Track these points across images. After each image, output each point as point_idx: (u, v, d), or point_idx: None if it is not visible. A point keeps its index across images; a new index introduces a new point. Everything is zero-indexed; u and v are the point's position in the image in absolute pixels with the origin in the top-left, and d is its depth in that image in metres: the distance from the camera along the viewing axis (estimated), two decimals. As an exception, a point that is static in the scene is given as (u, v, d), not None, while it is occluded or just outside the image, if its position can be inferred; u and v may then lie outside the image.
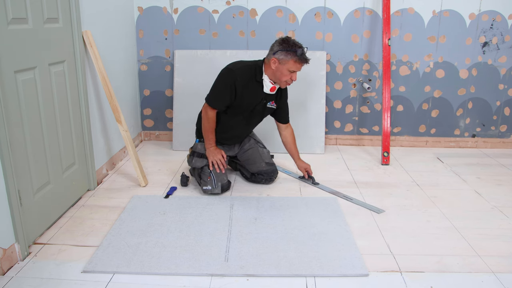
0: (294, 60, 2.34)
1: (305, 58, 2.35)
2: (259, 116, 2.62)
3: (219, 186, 2.50)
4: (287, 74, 2.39)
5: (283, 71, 2.38)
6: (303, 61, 2.36)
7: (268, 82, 2.45)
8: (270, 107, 2.60)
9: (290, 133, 2.75)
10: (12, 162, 1.77)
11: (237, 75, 2.41)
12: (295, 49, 2.33)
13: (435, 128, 3.53)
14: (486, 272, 1.81)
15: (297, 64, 2.36)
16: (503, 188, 2.70)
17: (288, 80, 2.42)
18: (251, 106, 2.52)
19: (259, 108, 2.56)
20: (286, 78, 2.41)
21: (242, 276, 1.76)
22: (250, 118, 2.59)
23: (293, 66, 2.36)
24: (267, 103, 2.58)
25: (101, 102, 2.77)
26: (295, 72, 2.40)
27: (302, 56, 2.34)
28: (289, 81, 2.43)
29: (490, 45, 3.31)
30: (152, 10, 3.33)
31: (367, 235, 2.10)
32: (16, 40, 1.84)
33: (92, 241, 2.02)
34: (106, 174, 2.83)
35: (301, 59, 2.35)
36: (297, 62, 2.35)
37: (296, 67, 2.37)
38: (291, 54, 2.34)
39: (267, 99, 2.56)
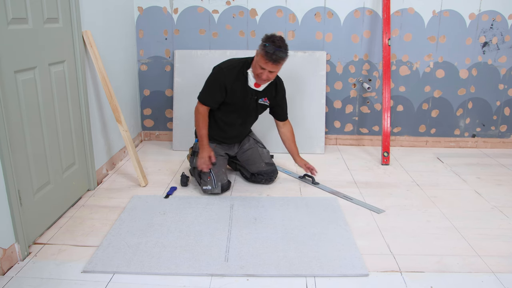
0: (262, 54, 2.28)
1: (271, 56, 2.24)
2: (253, 113, 2.61)
3: (219, 186, 2.50)
4: (258, 69, 2.33)
5: (256, 65, 2.35)
6: (268, 58, 2.25)
7: (252, 77, 2.43)
8: (263, 103, 2.58)
9: (289, 130, 2.74)
10: (12, 162, 1.77)
11: (225, 73, 2.43)
12: (267, 44, 2.26)
13: (435, 128, 3.53)
14: (486, 272, 1.81)
15: (264, 59, 2.27)
16: (503, 188, 2.70)
17: (260, 75, 2.34)
18: (243, 103, 2.52)
19: (252, 105, 2.55)
20: (258, 72, 2.35)
21: (242, 276, 1.76)
22: (245, 116, 2.59)
23: (261, 61, 2.29)
24: (259, 100, 2.56)
25: (101, 102, 2.77)
26: (265, 70, 2.31)
27: (269, 52, 2.23)
28: (262, 76, 2.34)
29: (490, 45, 3.31)
30: (152, 10, 3.33)
31: (367, 235, 2.10)
32: (16, 40, 1.84)
33: (92, 241, 2.02)
34: (106, 174, 2.83)
35: (267, 56, 2.25)
36: (263, 57, 2.27)
37: (264, 64, 2.28)
38: (262, 47, 2.28)
39: (258, 95, 2.54)
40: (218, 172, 2.53)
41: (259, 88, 2.47)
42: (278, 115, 2.70)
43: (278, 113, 2.69)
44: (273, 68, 2.30)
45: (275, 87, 2.58)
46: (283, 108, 2.69)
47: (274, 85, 2.57)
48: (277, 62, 2.28)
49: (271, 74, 2.36)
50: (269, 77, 2.36)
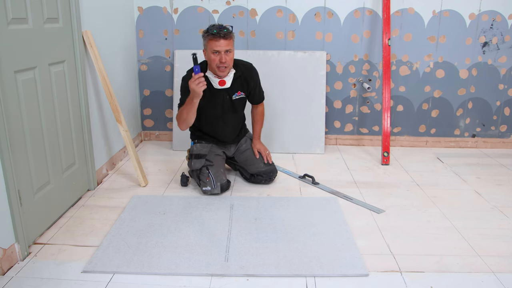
0: (210, 38, 2.29)
1: (219, 34, 2.26)
2: (231, 111, 2.58)
3: (218, 186, 2.50)
4: (213, 58, 2.32)
5: (210, 56, 2.34)
6: (217, 36, 2.27)
7: (213, 78, 2.41)
8: (239, 97, 2.56)
9: (258, 111, 2.73)
10: (12, 162, 1.78)
11: (189, 79, 2.39)
12: (208, 29, 2.31)
13: (435, 128, 3.53)
14: (486, 272, 1.81)
15: (214, 41, 2.27)
16: (503, 188, 2.70)
17: (218, 63, 2.33)
18: (216, 105, 2.51)
19: (227, 104, 2.54)
20: (215, 63, 2.33)
21: (242, 276, 1.76)
22: (223, 115, 2.57)
23: (212, 45, 2.29)
24: (233, 96, 2.54)
25: (101, 102, 2.77)
26: (220, 53, 2.30)
27: (215, 32, 2.26)
28: (220, 65, 2.33)
29: (490, 45, 3.31)
30: (152, 10, 3.33)
31: (367, 235, 2.10)
32: (16, 40, 1.84)
33: (92, 241, 2.02)
34: (106, 174, 2.83)
35: (214, 34, 2.27)
36: (213, 40, 2.28)
37: (215, 45, 2.28)
38: (206, 35, 2.31)
39: (230, 93, 2.52)
40: (216, 172, 2.53)
41: (225, 86, 2.44)
42: (253, 101, 2.68)
43: (253, 99, 2.67)
44: (226, 45, 2.29)
45: (245, 78, 2.54)
46: (257, 94, 2.65)
47: (244, 77, 2.54)
48: (227, 36, 2.28)
49: (228, 55, 2.33)
50: (227, 59, 2.33)
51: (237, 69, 2.50)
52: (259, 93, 2.67)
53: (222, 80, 2.42)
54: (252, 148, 2.72)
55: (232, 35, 2.34)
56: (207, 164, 2.55)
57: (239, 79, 2.52)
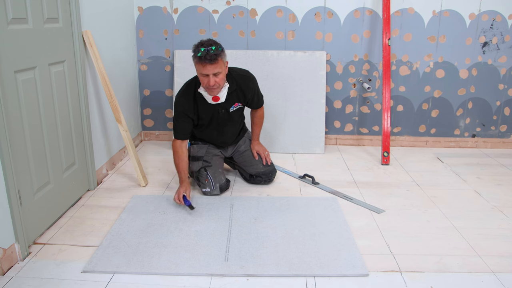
0: (196, 61, 2.18)
1: (206, 58, 2.12)
2: (229, 122, 2.53)
3: (217, 187, 2.50)
4: (202, 80, 2.22)
5: (200, 78, 2.24)
6: (204, 61, 2.13)
7: (206, 95, 2.31)
8: (236, 109, 2.50)
9: (257, 114, 2.69)
10: (12, 162, 1.78)
11: (182, 103, 2.37)
12: (195, 49, 2.17)
13: (435, 128, 3.53)
14: (486, 272, 1.81)
15: (200, 65, 2.16)
16: (503, 188, 2.70)
17: (208, 84, 2.21)
18: (212, 119, 2.47)
19: (223, 117, 2.48)
20: (204, 84, 2.23)
21: (242, 276, 1.76)
22: (219, 128, 2.53)
23: (199, 68, 2.19)
24: (230, 109, 2.46)
25: (101, 102, 2.77)
26: (208, 76, 2.18)
27: (202, 55, 2.12)
28: (210, 84, 2.20)
29: (490, 45, 3.31)
30: (152, 10, 3.33)
31: (367, 235, 2.10)
32: (16, 40, 1.84)
33: (92, 241, 2.02)
34: (106, 174, 2.83)
35: (201, 60, 2.14)
36: (199, 63, 2.16)
37: (202, 69, 2.16)
38: (194, 56, 2.19)
39: (226, 106, 2.43)
40: (215, 173, 2.53)
41: (220, 100, 2.34)
42: (251, 107, 2.63)
43: (251, 106, 2.61)
44: (213, 68, 2.16)
45: (241, 90, 2.45)
46: (256, 101, 2.59)
47: (240, 88, 2.44)
48: (214, 60, 2.13)
49: (218, 77, 2.20)
50: (217, 81, 2.21)
51: (232, 82, 2.39)
52: (258, 99, 2.59)
53: (216, 96, 2.31)
54: (251, 149, 2.71)
55: (219, 57, 2.16)
56: (205, 166, 2.55)
57: (235, 92, 2.43)
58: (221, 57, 2.19)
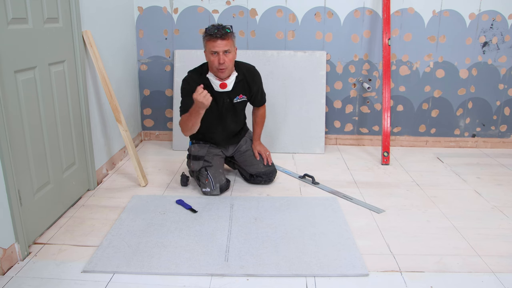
0: (207, 39, 2.27)
1: (216, 34, 2.22)
2: (232, 114, 2.56)
3: (217, 187, 2.50)
4: (212, 60, 2.30)
5: (209, 57, 2.31)
6: (214, 36, 2.23)
7: (214, 80, 2.38)
8: (240, 101, 2.53)
9: (259, 114, 2.70)
10: (12, 162, 1.77)
11: (190, 82, 2.41)
12: (206, 29, 2.28)
13: (435, 128, 3.53)
14: (486, 272, 1.81)
15: (212, 41, 2.25)
16: (503, 188, 2.70)
17: (217, 64, 2.29)
18: (217, 109, 2.49)
19: (227, 108, 2.51)
20: (214, 64, 2.30)
21: (242, 276, 1.76)
22: (223, 120, 2.55)
23: (210, 45, 2.26)
24: (234, 100, 2.51)
25: (101, 102, 2.77)
26: (218, 54, 2.26)
27: (212, 32, 2.23)
28: (219, 66, 2.29)
29: (490, 45, 3.31)
30: (152, 10, 3.33)
31: (367, 235, 2.10)
32: (16, 40, 1.84)
33: (92, 241, 2.02)
34: (106, 174, 2.83)
35: (211, 35, 2.24)
36: (210, 40, 2.25)
37: (213, 46, 2.25)
38: (204, 35, 2.29)
39: (231, 96, 2.48)
40: (215, 173, 2.53)
41: (226, 88, 2.40)
42: (254, 104, 2.66)
43: (254, 102, 2.64)
44: (224, 45, 2.25)
45: (247, 81, 2.51)
46: (258, 98, 2.63)
47: (246, 80, 2.50)
48: (224, 36, 2.24)
49: (227, 56, 2.28)
50: (226, 60, 2.28)
51: (239, 72, 2.45)
52: (261, 96, 2.64)
53: (224, 82, 2.38)
54: (253, 149, 2.70)
55: (230, 35, 2.29)
56: (205, 165, 2.55)
57: (241, 82, 2.48)
58: (231, 36, 2.30)
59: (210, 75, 2.40)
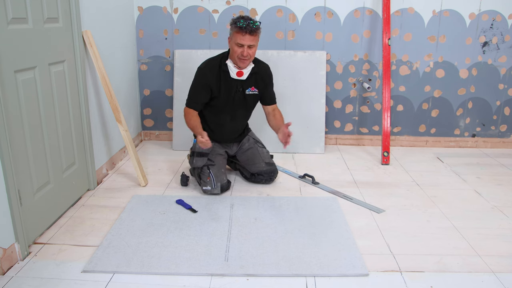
0: (236, 31, 2.34)
1: (247, 29, 2.30)
2: (243, 107, 2.59)
3: (218, 186, 2.50)
4: (236, 50, 2.37)
5: (233, 47, 2.38)
6: (243, 30, 2.31)
7: (232, 67, 2.44)
8: (251, 93, 2.57)
9: (277, 112, 2.67)
10: (12, 162, 1.77)
11: (206, 72, 2.48)
12: (236, 20, 2.34)
13: (435, 128, 3.53)
14: (486, 272, 1.81)
15: (240, 34, 2.32)
16: (503, 188, 2.70)
17: (239, 55, 2.37)
18: (228, 97, 2.52)
19: (239, 97, 2.54)
20: (237, 54, 2.38)
21: (242, 276, 1.76)
22: (233, 110, 2.58)
23: (237, 38, 2.34)
24: (246, 90, 2.55)
25: (101, 102, 2.77)
26: (243, 47, 2.34)
27: (242, 24, 2.30)
28: (241, 57, 2.38)
29: (490, 45, 3.31)
30: (152, 10, 3.33)
31: (367, 235, 2.10)
32: (16, 40, 1.84)
33: (92, 241, 2.02)
34: (106, 174, 2.83)
35: (241, 28, 2.31)
36: (239, 33, 2.32)
37: (241, 39, 2.33)
38: (233, 26, 2.35)
39: (244, 86, 2.54)
40: (217, 172, 2.53)
41: (242, 77, 2.47)
42: (265, 101, 2.67)
43: (265, 99, 2.66)
44: (251, 40, 2.33)
45: (260, 76, 2.57)
46: (270, 94, 2.67)
47: (260, 74, 2.57)
48: (253, 32, 2.32)
49: (251, 50, 2.37)
50: (250, 53, 2.37)
51: (255, 65, 2.53)
52: (272, 93, 2.68)
53: (241, 71, 2.45)
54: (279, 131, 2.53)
55: (258, 32, 2.37)
56: (208, 164, 2.55)
57: (254, 75, 2.55)
58: (259, 32, 2.38)
59: (230, 61, 2.46)
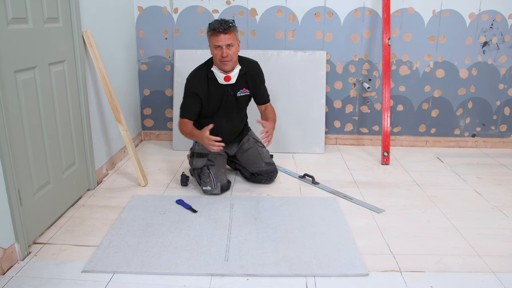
0: (210, 34, 2.33)
1: (219, 28, 2.28)
2: (235, 108, 2.58)
3: (218, 186, 2.50)
4: (216, 53, 2.36)
5: (213, 51, 2.38)
6: (216, 31, 2.29)
7: (219, 73, 2.43)
8: (243, 95, 2.56)
9: (269, 109, 2.65)
10: (12, 162, 1.77)
11: (194, 82, 2.47)
12: (209, 24, 2.34)
13: (435, 128, 3.53)
14: (486, 272, 1.81)
15: (215, 36, 2.31)
16: (503, 188, 2.70)
17: (220, 57, 2.35)
18: (221, 103, 2.52)
19: (231, 101, 2.53)
20: (217, 57, 2.36)
21: (242, 276, 1.76)
22: (227, 113, 2.57)
23: (213, 40, 2.33)
24: (237, 93, 2.54)
25: (101, 102, 2.77)
26: (221, 48, 2.32)
27: (215, 26, 2.29)
28: (222, 59, 2.35)
29: (490, 45, 3.31)
30: (152, 9, 3.33)
31: (367, 235, 2.10)
32: (16, 40, 1.84)
33: (92, 241, 2.02)
34: (106, 174, 2.83)
35: (214, 30, 2.30)
36: (213, 35, 2.31)
37: (216, 40, 2.31)
38: (208, 31, 2.36)
39: (235, 89, 2.52)
40: (217, 172, 2.53)
41: (230, 81, 2.45)
42: (258, 100, 2.66)
43: (258, 98, 2.65)
44: (226, 39, 2.30)
45: (250, 75, 2.55)
46: (262, 93, 2.64)
47: (249, 74, 2.54)
48: (227, 30, 2.30)
49: (230, 49, 2.34)
50: (229, 53, 2.33)
51: (242, 65, 2.51)
52: (264, 91, 2.66)
53: (228, 75, 2.43)
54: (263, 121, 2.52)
55: (233, 29, 2.34)
56: (208, 164, 2.55)
57: (244, 76, 2.53)
58: (234, 30, 2.35)
59: (215, 68, 2.44)
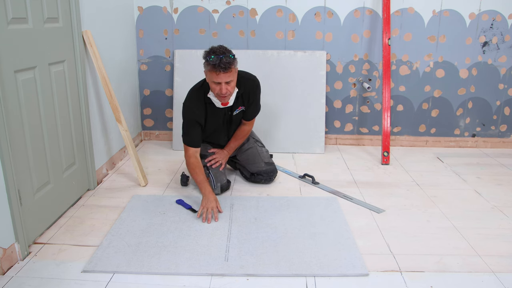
0: (209, 69, 2.16)
1: (220, 66, 2.10)
2: (234, 124, 2.58)
3: (218, 186, 2.50)
4: (214, 87, 2.21)
5: (211, 84, 2.22)
6: (217, 69, 2.11)
7: (215, 99, 2.30)
8: (238, 112, 2.51)
9: (244, 128, 2.61)
10: (12, 162, 1.77)
11: (193, 109, 2.36)
12: (207, 56, 2.15)
13: (435, 127, 3.53)
14: (486, 272, 1.81)
15: (214, 73, 2.14)
16: (503, 188, 2.70)
17: (218, 92, 2.20)
18: (221, 123, 2.50)
19: (228, 119, 2.51)
20: (215, 92, 2.21)
21: (242, 276, 1.76)
22: (225, 129, 2.57)
23: (212, 76, 2.16)
24: (234, 112, 2.48)
25: (101, 102, 2.77)
26: (221, 84, 2.16)
27: (215, 63, 2.10)
28: (222, 92, 2.19)
29: (490, 45, 3.31)
30: (152, 9, 3.33)
31: (367, 235, 2.10)
32: (16, 40, 1.84)
33: (92, 241, 2.02)
34: (106, 174, 2.83)
35: (215, 68, 2.11)
36: (212, 71, 2.14)
37: (215, 78, 2.14)
38: (207, 63, 2.17)
39: (232, 109, 2.46)
40: (217, 173, 2.53)
41: (229, 105, 2.34)
42: (246, 116, 2.58)
43: (245, 114, 2.57)
44: (226, 77, 2.15)
45: (247, 94, 2.45)
46: (251, 111, 2.55)
47: (247, 92, 2.45)
48: (227, 69, 2.13)
49: (229, 85, 2.20)
50: (228, 89, 2.21)
51: (240, 86, 2.39)
52: (255, 109, 2.56)
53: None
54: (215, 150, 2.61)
55: (232, 65, 2.16)
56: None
57: (241, 96, 2.44)
58: (234, 65, 2.18)
59: (211, 95, 2.31)
